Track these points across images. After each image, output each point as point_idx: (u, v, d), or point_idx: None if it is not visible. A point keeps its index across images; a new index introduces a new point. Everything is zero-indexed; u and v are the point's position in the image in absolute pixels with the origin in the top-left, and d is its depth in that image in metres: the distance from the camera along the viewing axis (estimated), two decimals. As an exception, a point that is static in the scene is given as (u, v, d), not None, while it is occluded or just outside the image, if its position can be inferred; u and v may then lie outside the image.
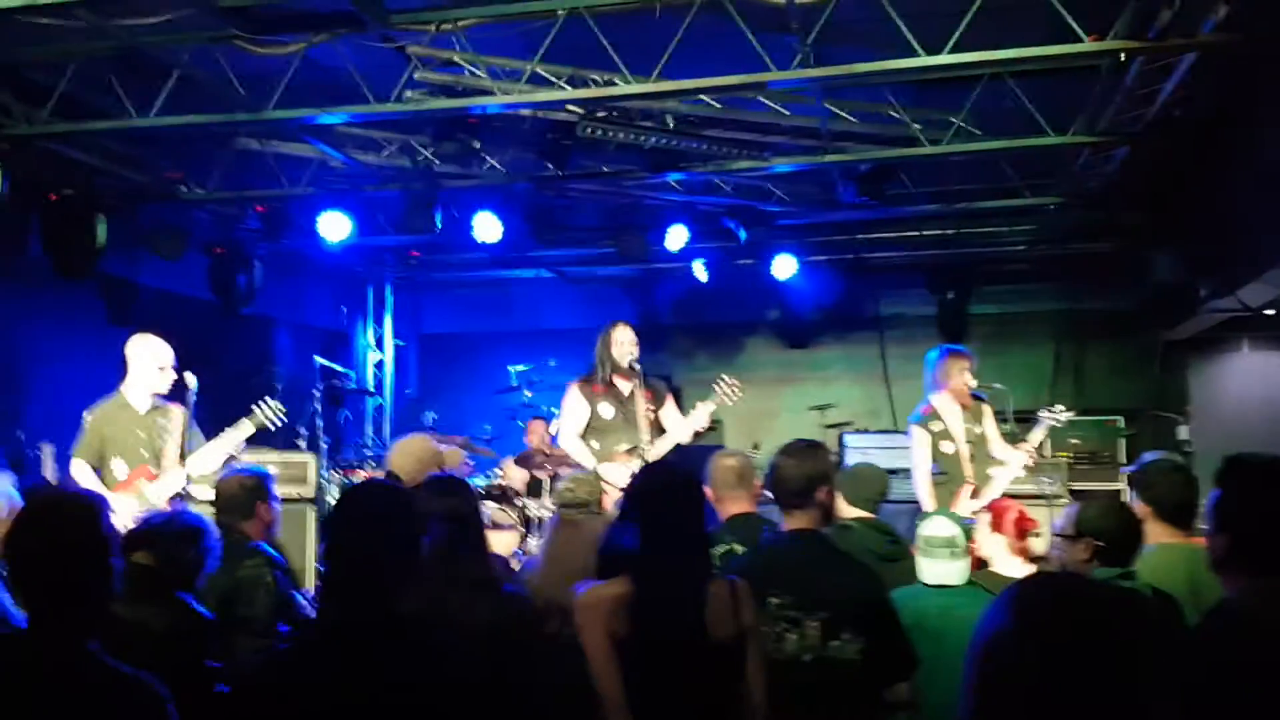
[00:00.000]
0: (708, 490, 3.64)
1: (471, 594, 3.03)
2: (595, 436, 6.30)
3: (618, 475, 6.01)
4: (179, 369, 5.82)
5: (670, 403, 6.51)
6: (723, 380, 6.34)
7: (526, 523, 7.51)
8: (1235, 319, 9.02)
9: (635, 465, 6.00)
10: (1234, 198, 7.42)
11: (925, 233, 10.20)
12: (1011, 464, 6.45)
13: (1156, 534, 3.73)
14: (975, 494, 6.36)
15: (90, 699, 2.27)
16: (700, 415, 6.25)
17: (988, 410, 6.70)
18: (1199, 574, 3.36)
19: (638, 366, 6.24)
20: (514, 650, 2.62)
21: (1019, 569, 4.59)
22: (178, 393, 5.82)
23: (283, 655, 2.41)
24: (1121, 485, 8.85)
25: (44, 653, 2.30)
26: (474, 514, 3.41)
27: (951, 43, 5.45)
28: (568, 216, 9.33)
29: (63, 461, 6.04)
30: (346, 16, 5.81)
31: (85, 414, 5.80)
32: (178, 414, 5.79)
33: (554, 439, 7.11)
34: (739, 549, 3.84)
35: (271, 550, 4.33)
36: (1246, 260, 7.28)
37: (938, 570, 3.84)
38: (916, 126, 7.07)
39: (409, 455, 4.28)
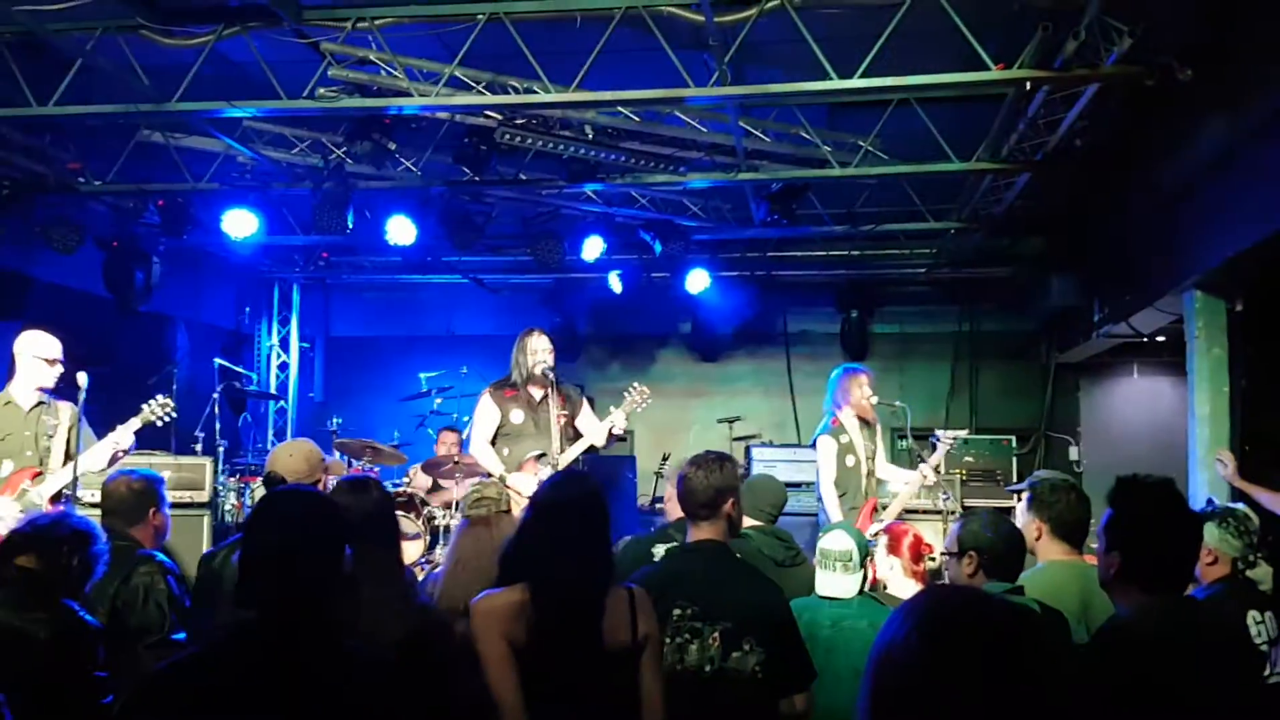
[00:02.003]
0: (667, 492, 3.63)
1: (381, 604, 2.97)
2: (506, 443, 6.27)
3: (526, 484, 5.99)
4: (70, 366, 5.61)
5: (585, 408, 6.51)
6: (634, 387, 6.39)
7: (433, 531, 7.41)
8: (1126, 344, 9.39)
9: (545, 472, 5.98)
10: (1129, 226, 7.72)
11: (833, 252, 10.39)
12: (910, 484, 6.63)
13: (1049, 551, 3.83)
14: (874, 510, 6.51)
15: None
16: (616, 421, 6.28)
17: (880, 440, 6.91)
18: (1090, 592, 3.46)
19: (552, 374, 6.23)
20: (425, 662, 2.57)
21: (914, 591, 4.71)
22: (68, 392, 5.60)
23: (194, 660, 2.33)
24: (1013, 503, 9.12)
25: None
26: (387, 517, 3.35)
27: (863, 67, 5.57)
28: (484, 223, 9.24)
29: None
30: (259, 10, 5.70)
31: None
32: (66, 412, 5.57)
33: (464, 445, 7.04)
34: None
35: (164, 557, 4.19)
36: (1139, 287, 7.57)
37: (832, 583, 3.90)
38: (827, 148, 7.21)
39: (300, 458, 4.15)
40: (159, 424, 5.78)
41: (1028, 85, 5.72)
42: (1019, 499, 4.35)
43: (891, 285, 11.13)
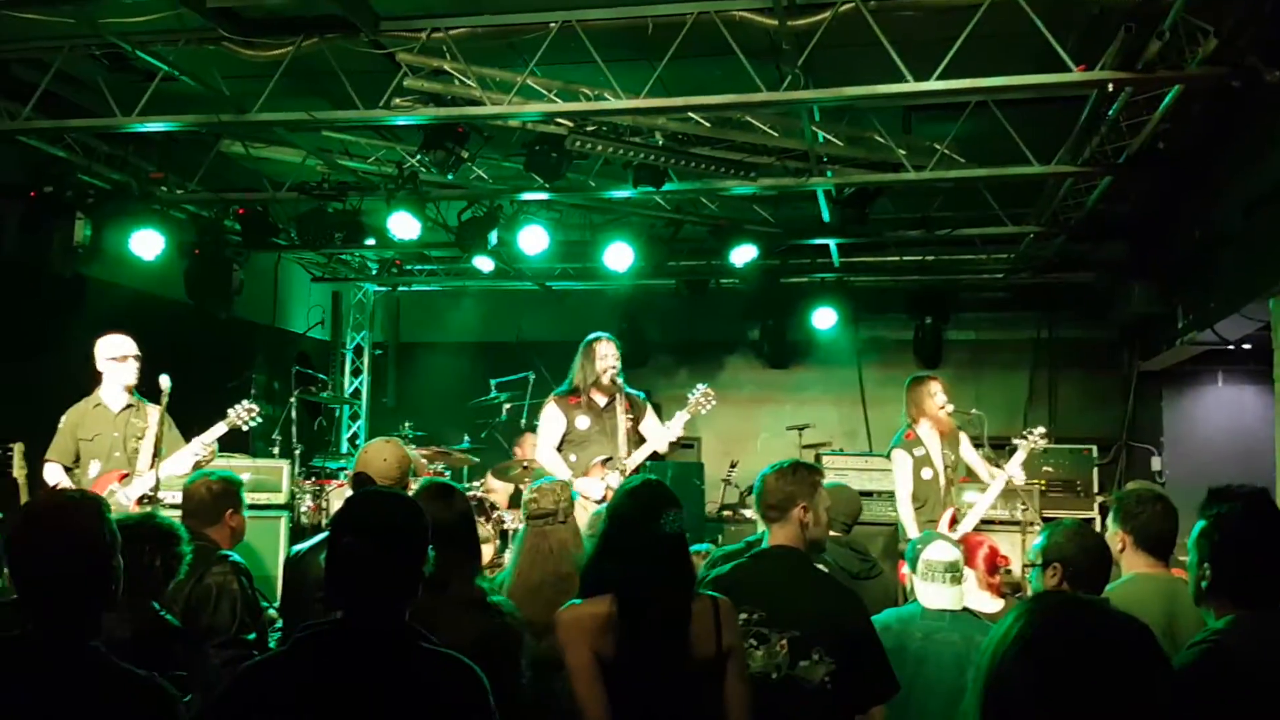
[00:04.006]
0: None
1: (458, 609, 2.99)
2: (573, 449, 6.27)
3: (593, 488, 6.00)
4: (153, 371, 5.75)
5: (651, 414, 6.49)
6: (698, 389, 6.34)
7: (503, 535, 7.45)
8: (1211, 352, 9.10)
9: (612, 477, 5.98)
10: (1214, 230, 7.50)
11: (905, 258, 10.26)
12: (992, 488, 6.47)
13: (1134, 563, 3.71)
14: (954, 521, 6.37)
15: (101, 698, 2.26)
16: (675, 424, 6.25)
17: (964, 437, 6.75)
18: (1176, 605, 3.35)
19: (619, 380, 6.22)
20: (498, 665, 2.57)
21: (989, 603, 4.61)
22: (151, 395, 5.76)
23: (279, 660, 2.37)
24: (1093, 514, 8.91)
25: (50, 652, 2.29)
26: (469, 525, 3.37)
27: (940, 69, 5.49)
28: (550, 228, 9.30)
29: (34, 461, 5.96)
30: (337, 21, 5.80)
31: (62, 416, 5.75)
32: (154, 413, 5.72)
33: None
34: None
35: (238, 558, 4.26)
36: (1224, 293, 7.34)
37: (937, 594, 3.82)
38: (902, 152, 7.11)
39: (393, 462, 4.19)
40: (244, 429, 5.90)
41: (1109, 87, 5.58)
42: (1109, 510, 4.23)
43: (967, 291, 10.93)
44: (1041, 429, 6.57)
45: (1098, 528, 7.09)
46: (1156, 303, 8.65)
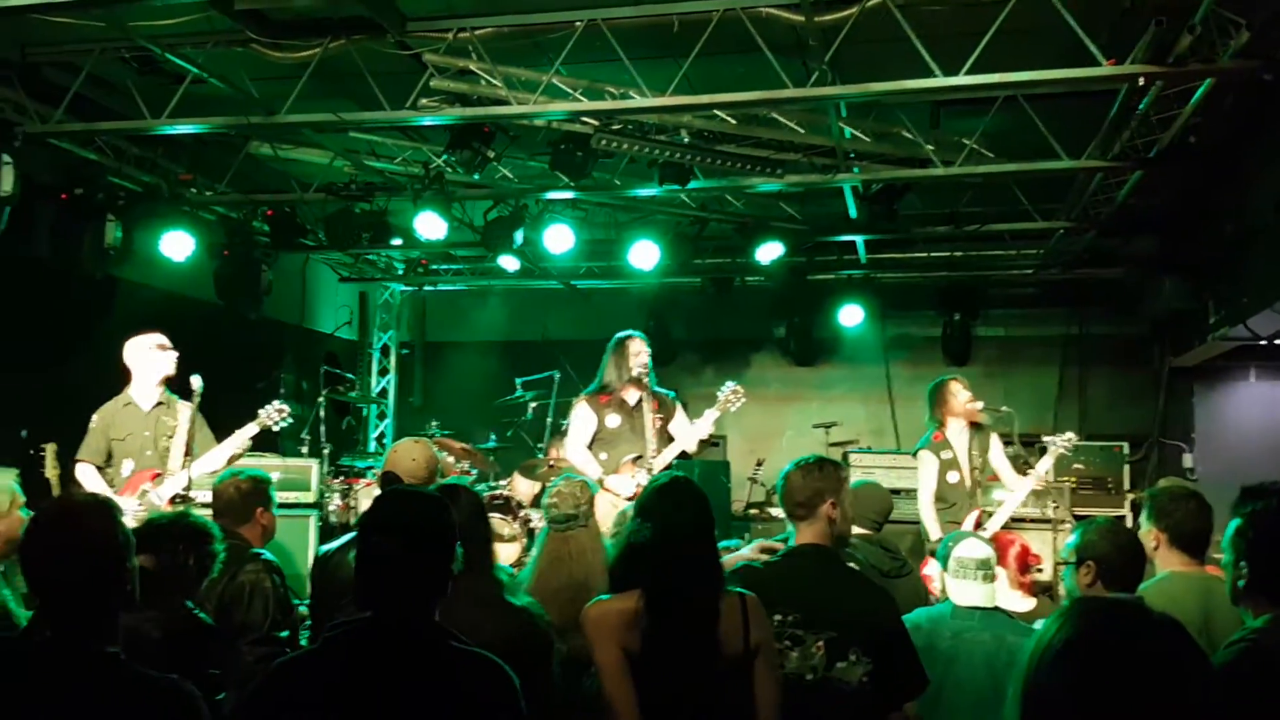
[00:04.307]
0: None
1: (477, 609, 2.99)
2: (603, 448, 6.28)
3: (623, 486, 6.01)
4: (184, 371, 5.79)
5: (679, 412, 6.48)
6: (727, 386, 6.32)
7: (529, 534, 7.47)
8: (1243, 347, 9.00)
9: (641, 475, 5.98)
10: (1246, 225, 7.40)
11: (934, 254, 10.19)
12: (1018, 491, 6.44)
13: (1168, 561, 3.67)
14: (979, 522, 6.33)
15: (118, 705, 2.26)
16: (705, 422, 6.23)
17: (995, 439, 6.70)
18: (1212, 603, 3.32)
19: (647, 378, 6.21)
20: (523, 663, 2.57)
21: (1020, 602, 4.58)
22: (184, 395, 5.80)
23: (310, 657, 2.38)
24: (1125, 511, 8.83)
25: (65, 659, 2.28)
26: (483, 525, 3.37)
27: (969, 64, 5.44)
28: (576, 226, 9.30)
29: (66, 461, 6.02)
30: (364, 23, 5.82)
31: (94, 416, 5.80)
32: (185, 412, 5.75)
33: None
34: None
35: (270, 556, 4.29)
36: (1257, 288, 7.26)
37: (970, 591, 3.79)
38: (930, 148, 7.06)
39: (421, 462, 4.21)
40: (274, 429, 5.94)
41: (1140, 81, 5.52)
42: (1140, 508, 4.18)
43: (996, 287, 10.84)
44: (1070, 434, 6.53)
45: (1129, 525, 7.02)
46: (1188, 298, 8.55)
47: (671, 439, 6.30)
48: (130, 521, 4.61)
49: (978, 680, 3.56)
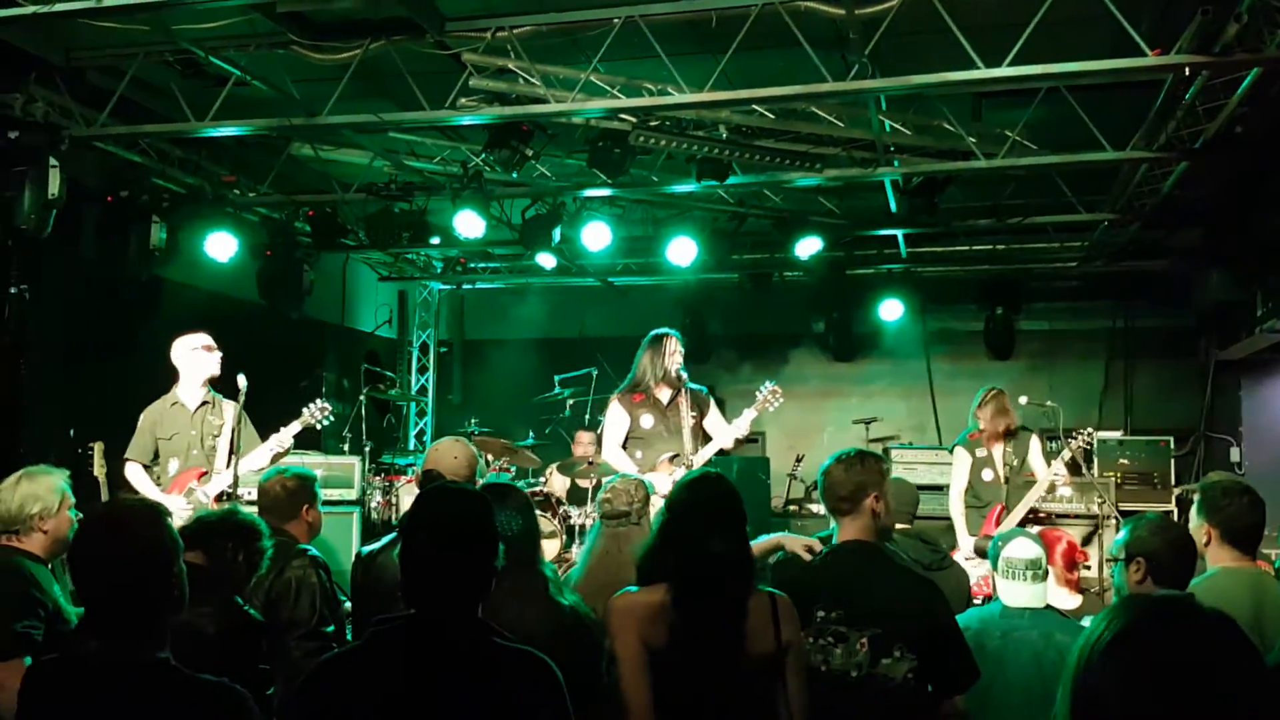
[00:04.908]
0: None
1: (524, 606, 2.99)
2: (639, 446, 6.24)
3: (661, 484, 5.98)
4: (229, 370, 5.86)
5: (714, 410, 6.45)
6: (765, 386, 6.30)
7: (568, 530, 7.50)
8: (1291, 340, 8.85)
9: (679, 474, 5.96)
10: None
11: (975, 247, 10.10)
12: (1033, 491, 6.41)
13: (1219, 557, 3.62)
14: (998, 520, 6.30)
15: (170, 712, 2.27)
16: (742, 422, 6.21)
17: (1035, 440, 6.64)
18: (1264, 599, 3.28)
19: (683, 375, 6.20)
20: (567, 659, 2.57)
21: (1067, 599, 4.52)
22: (229, 394, 5.87)
23: (356, 654, 2.40)
24: (1171, 506, 8.70)
25: (116, 669, 2.29)
26: (534, 522, 3.38)
27: (1012, 55, 5.38)
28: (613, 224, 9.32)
29: (113, 460, 6.11)
30: (403, 23, 5.86)
31: (141, 415, 5.88)
32: (230, 411, 5.82)
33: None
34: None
35: (316, 552, 4.33)
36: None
37: (1019, 592, 3.75)
38: (971, 140, 6.99)
39: (463, 460, 4.23)
40: (317, 427, 6.00)
41: (1186, 71, 5.44)
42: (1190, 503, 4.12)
43: (1039, 280, 10.72)
44: (1089, 429, 6.53)
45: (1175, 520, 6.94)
46: (1234, 290, 8.42)
47: (707, 436, 6.28)
48: (178, 520, 4.71)
49: (1027, 678, 3.52)
